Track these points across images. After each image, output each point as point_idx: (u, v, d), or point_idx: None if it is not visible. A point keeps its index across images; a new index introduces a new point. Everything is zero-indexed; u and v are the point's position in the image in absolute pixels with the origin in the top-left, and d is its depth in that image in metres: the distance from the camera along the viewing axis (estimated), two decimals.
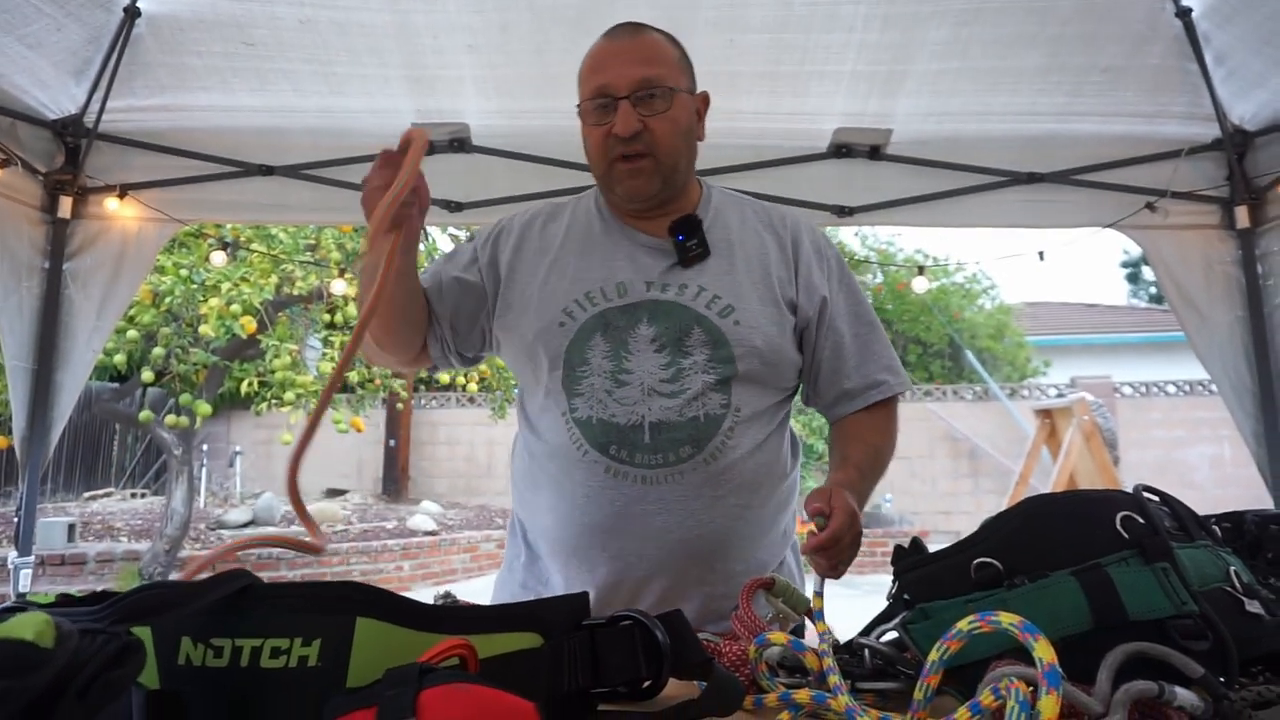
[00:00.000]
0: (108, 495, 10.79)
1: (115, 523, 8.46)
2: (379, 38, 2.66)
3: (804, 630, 1.15)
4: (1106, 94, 2.79)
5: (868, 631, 0.98)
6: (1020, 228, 3.28)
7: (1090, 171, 2.99)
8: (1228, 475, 10.85)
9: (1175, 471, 10.97)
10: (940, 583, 0.86)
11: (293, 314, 7.25)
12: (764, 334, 1.31)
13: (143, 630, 0.62)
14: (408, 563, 8.05)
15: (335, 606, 0.65)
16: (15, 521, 2.89)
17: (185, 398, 6.34)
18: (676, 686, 0.75)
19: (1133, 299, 24.89)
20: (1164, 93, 2.78)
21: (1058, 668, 0.61)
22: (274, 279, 6.23)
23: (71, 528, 7.27)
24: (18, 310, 2.76)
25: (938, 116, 2.92)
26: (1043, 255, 3.47)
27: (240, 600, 0.64)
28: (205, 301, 5.96)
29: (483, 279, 1.40)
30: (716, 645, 0.92)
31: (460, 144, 3.00)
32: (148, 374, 6.35)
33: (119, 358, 6.24)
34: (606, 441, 1.27)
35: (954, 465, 11.72)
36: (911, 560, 0.93)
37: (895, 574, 0.94)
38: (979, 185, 3.03)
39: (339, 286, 4.97)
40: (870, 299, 1.54)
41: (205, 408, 6.30)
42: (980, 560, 0.83)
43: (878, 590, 1.06)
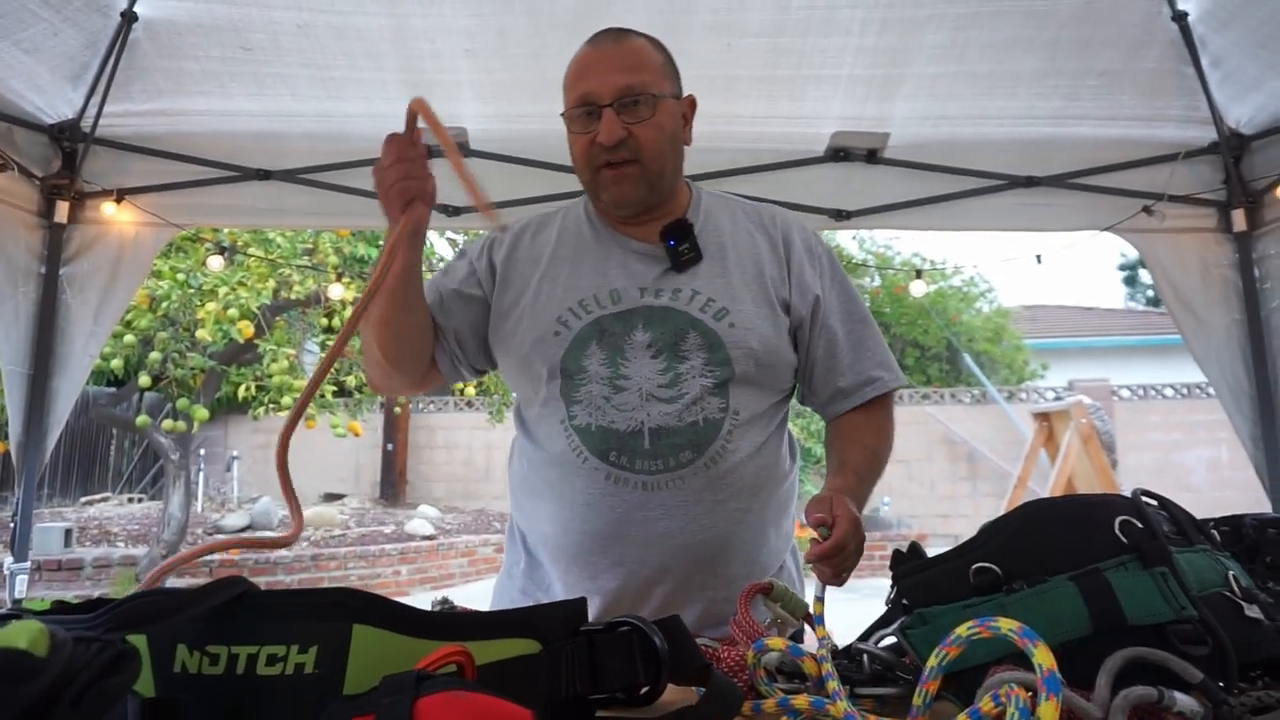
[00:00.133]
0: (104, 500, 10.76)
1: (112, 528, 8.44)
2: (376, 42, 2.66)
3: (804, 636, 1.15)
4: (1103, 98, 2.80)
5: (866, 636, 0.98)
6: (1018, 231, 3.30)
7: (1087, 175, 3.00)
8: (1225, 478, 10.85)
9: (1173, 474, 10.97)
10: (939, 588, 0.86)
11: (290, 318, 7.25)
12: (759, 335, 1.31)
13: (138, 638, 0.62)
14: (405, 567, 8.03)
15: (332, 613, 0.65)
16: (11, 527, 2.88)
17: (182, 402, 6.33)
18: (675, 692, 0.74)
19: (1130, 302, 24.93)
20: (1160, 96, 2.79)
21: (1057, 674, 0.61)
22: (271, 283, 6.23)
23: (68, 533, 7.25)
24: (14, 315, 2.75)
25: (935, 120, 2.92)
26: (1040, 258, 3.48)
27: (236, 607, 0.64)
28: (202, 306, 5.96)
29: (484, 290, 1.40)
30: (715, 651, 0.92)
31: (458, 148, 3.00)
32: (145, 379, 6.34)
33: (116, 362, 6.24)
34: (606, 448, 1.26)
35: (952, 468, 11.72)
36: (910, 565, 0.92)
37: (894, 579, 0.94)
38: (976, 189, 3.04)
39: (336, 291, 4.98)
40: (867, 301, 1.54)
41: (202, 412, 6.30)
42: (979, 565, 0.83)
43: (876, 594, 1.06)
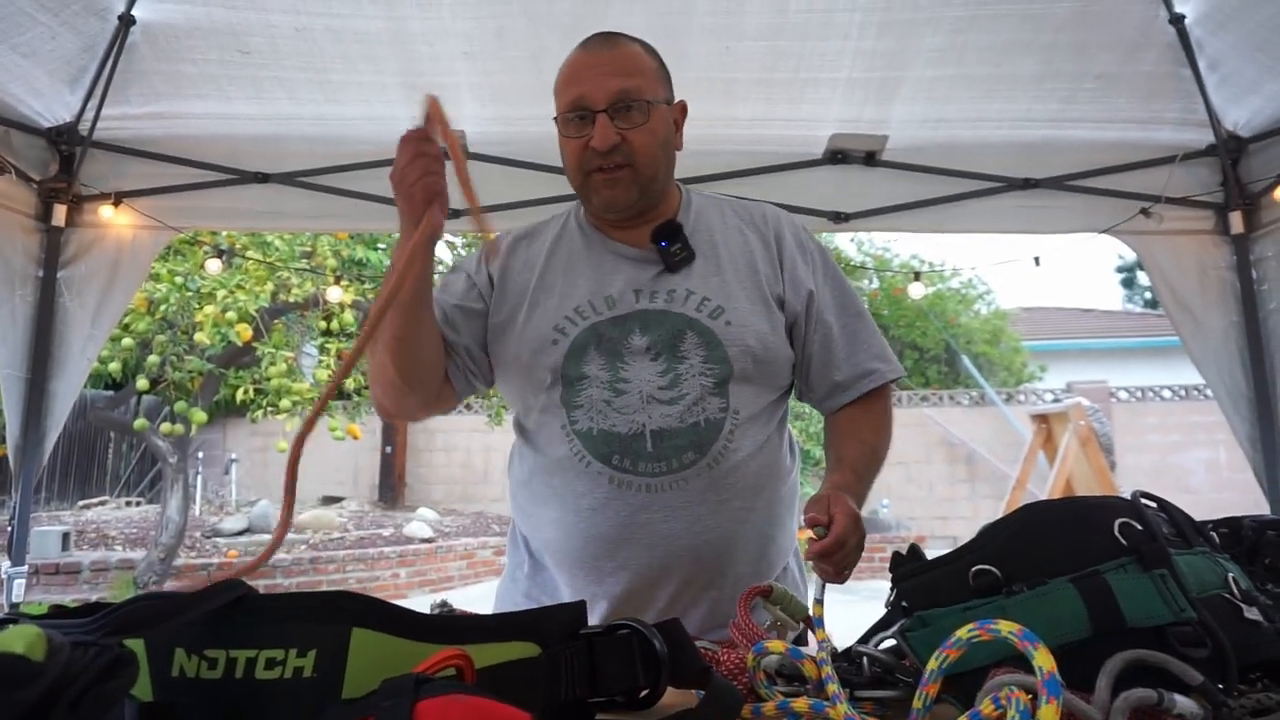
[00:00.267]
0: (102, 504, 10.73)
1: (110, 531, 8.42)
2: (374, 45, 2.66)
3: (806, 639, 1.15)
4: (1101, 100, 2.81)
5: (866, 639, 0.98)
6: (1016, 233, 3.30)
7: (1085, 177, 3.00)
8: (1224, 480, 10.86)
9: (1171, 476, 10.98)
10: (938, 590, 0.86)
11: (289, 321, 7.24)
12: (756, 332, 1.31)
13: (136, 642, 0.62)
14: (404, 570, 8.02)
15: (331, 616, 0.65)
16: (9, 530, 2.87)
17: (180, 405, 6.32)
18: (674, 695, 0.74)
19: (1128, 304, 24.94)
20: (1158, 99, 2.80)
21: (1057, 676, 0.61)
22: (270, 286, 6.23)
23: (66, 536, 7.23)
24: (11, 319, 2.75)
25: (933, 123, 2.93)
26: (1038, 260, 3.48)
27: (234, 611, 0.64)
28: (201, 309, 5.96)
29: (485, 303, 1.40)
30: (714, 654, 0.92)
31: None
32: (143, 382, 6.33)
33: (114, 365, 6.23)
34: (609, 452, 1.27)
35: (950, 470, 11.72)
36: (909, 567, 0.92)
37: (893, 581, 0.94)
38: (974, 191, 3.04)
39: (335, 294, 4.98)
40: (866, 303, 1.54)
41: (200, 415, 6.28)
42: (978, 567, 0.83)
43: (876, 597, 1.06)
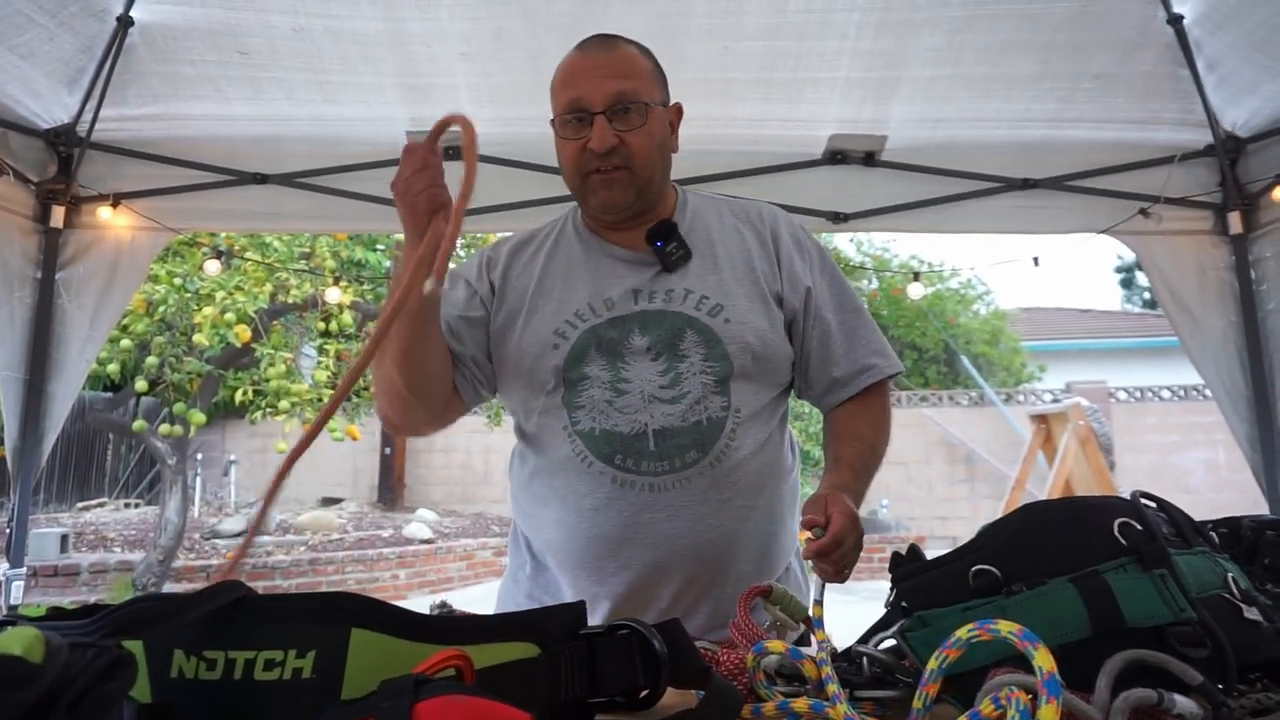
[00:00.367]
0: (101, 505, 10.72)
1: (109, 533, 8.41)
2: (373, 46, 2.66)
3: (808, 640, 1.15)
4: (1099, 100, 2.81)
5: (866, 639, 0.98)
6: (1015, 233, 3.30)
7: (1084, 177, 3.00)
8: (1223, 480, 10.86)
9: (1170, 476, 10.98)
10: (938, 590, 0.86)
11: (287, 322, 7.24)
12: (755, 329, 1.32)
13: (134, 643, 0.62)
14: (404, 571, 8.02)
15: (330, 617, 0.64)
16: (7, 532, 2.87)
17: (179, 407, 6.32)
18: (674, 695, 0.74)
19: (1127, 304, 24.96)
20: (1156, 99, 2.80)
21: (1057, 676, 0.61)
22: (268, 287, 6.23)
23: (64, 538, 7.22)
24: (9, 321, 2.74)
25: (932, 123, 2.93)
26: (1037, 261, 3.48)
27: (233, 612, 0.64)
28: (199, 310, 5.95)
29: (487, 311, 1.40)
30: (714, 654, 0.92)
31: (455, 152, 3.00)
32: (141, 383, 6.33)
33: (112, 367, 6.23)
34: (611, 451, 1.27)
35: (950, 471, 11.73)
36: (909, 568, 0.92)
37: (893, 581, 0.94)
38: (973, 191, 3.04)
39: (334, 294, 4.98)
40: (865, 303, 1.54)
41: (199, 417, 6.28)
42: (978, 567, 0.83)
43: (875, 597, 1.06)
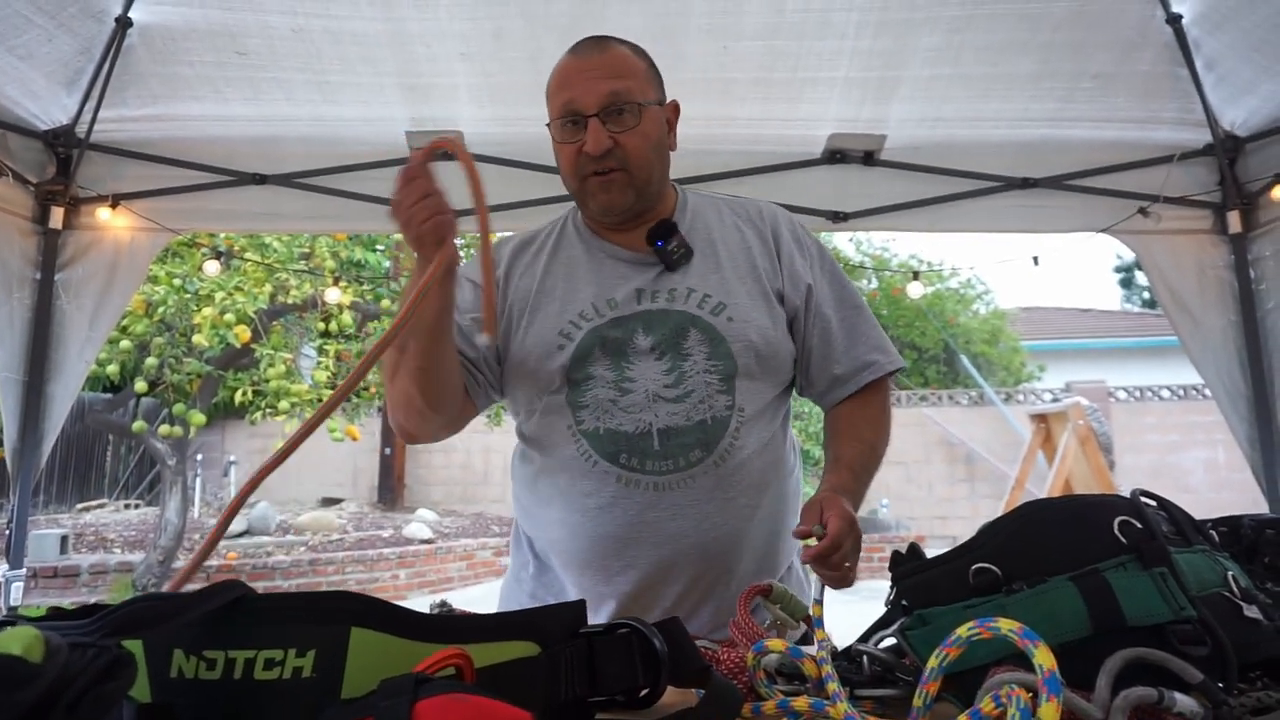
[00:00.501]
0: (101, 506, 10.72)
1: (108, 534, 8.41)
2: (372, 46, 2.66)
3: (811, 639, 1.15)
4: (1098, 100, 2.81)
5: (866, 638, 0.98)
6: (1014, 233, 3.30)
7: (1083, 177, 3.00)
8: (1222, 479, 10.87)
9: (1170, 476, 10.99)
10: (938, 588, 0.86)
11: (287, 323, 7.24)
12: (757, 327, 1.32)
13: (134, 643, 0.61)
14: (404, 571, 8.02)
15: (330, 617, 0.64)
16: (7, 533, 2.87)
17: (179, 407, 6.31)
18: (674, 694, 0.74)
19: (1126, 304, 24.96)
20: (1155, 99, 2.80)
21: (1058, 674, 0.61)
22: (268, 288, 6.22)
23: (64, 539, 7.22)
24: (9, 322, 2.74)
25: (931, 122, 2.93)
26: (1037, 260, 3.48)
27: (233, 611, 0.64)
28: (199, 311, 5.95)
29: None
30: (714, 653, 0.92)
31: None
32: (141, 384, 6.32)
33: (112, 368, 6.23)
34: (616, 451, 1.27)
35: (950, 470, 11.73)
36: (909, 566, 0.92)
37: (893, 580, 0.94)
38: (973, 190, 3.04)
39: (333, 295, 4.98)
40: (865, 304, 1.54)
41: (199, 417, 6.28)
42: (978, 566, 0.83)
43: (876, 596, 1.06)
